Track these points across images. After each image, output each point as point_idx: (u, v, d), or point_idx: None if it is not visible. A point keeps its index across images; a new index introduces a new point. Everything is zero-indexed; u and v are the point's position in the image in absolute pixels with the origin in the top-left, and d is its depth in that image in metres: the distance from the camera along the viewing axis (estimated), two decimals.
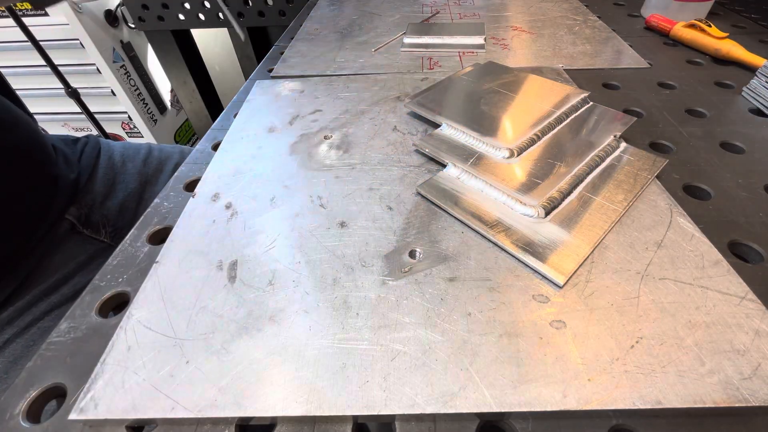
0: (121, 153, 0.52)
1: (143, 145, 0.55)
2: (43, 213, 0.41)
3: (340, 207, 0.29)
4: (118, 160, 0.51)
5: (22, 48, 1.02)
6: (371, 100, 0.41)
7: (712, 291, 0.22)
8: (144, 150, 0.54)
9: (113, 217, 0.46)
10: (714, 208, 0.28)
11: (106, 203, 0.46)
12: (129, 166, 0.51)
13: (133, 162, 0.52)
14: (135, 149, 0.54)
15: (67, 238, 0.42)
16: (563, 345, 0.20)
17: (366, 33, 0.57)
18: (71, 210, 0.43)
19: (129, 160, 0.52)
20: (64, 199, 0.43)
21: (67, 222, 0.42)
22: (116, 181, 0.49)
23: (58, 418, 0.20)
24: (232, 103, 0.43)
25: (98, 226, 0.45)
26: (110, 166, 0.50)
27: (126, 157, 0.52)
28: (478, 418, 0.18)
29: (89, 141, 0.51)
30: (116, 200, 0.47)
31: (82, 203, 0.44)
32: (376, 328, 0.21)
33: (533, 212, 0.26)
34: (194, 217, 0.28)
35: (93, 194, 0.46)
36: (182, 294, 0.23)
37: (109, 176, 0.49)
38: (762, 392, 0.18)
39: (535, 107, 0.35)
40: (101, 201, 0.46)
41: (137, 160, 0.52)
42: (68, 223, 0.42)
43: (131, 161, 0.52)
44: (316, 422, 0.19)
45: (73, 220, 0.43)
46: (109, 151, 0.51)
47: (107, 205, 0.46)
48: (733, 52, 0.45)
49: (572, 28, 0.55)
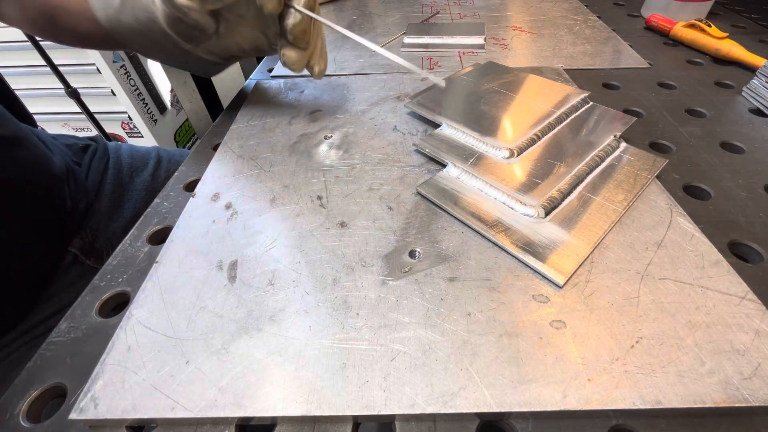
0: (129, 164, 0.49)
1: (151, 153, 0.52)
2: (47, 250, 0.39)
3: (340, 207, 0.29)
4: (126, 173, 0.48)
5: (22, 48, 1.02)
6: (371, 100, 0.41)
7: (712, 291, 0.22)
8: (153, 160, 0.51)
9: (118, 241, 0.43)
10: (714, 208, 0.28)
11: (111, 226, 0.44)
12: (137, 181, 0.48)
13: (141, 176, 0.49)
14: (143, 159, 0.51)
15: (68, 271, 0.40)
16: (563, 345, 0.20)
17: (366, 33, 0.57)
18: (75, 241, 0.41)
19: (137, 173, 0.49)
20: (69, 231, 0.41)
21: (70, 255, 0.40)
22: (123, 199, 0.46)
23: (58, 418, 0.20)
24: (231, 103, 0.43)
25: (101, 254, 0.42)
26: (118, 182, 0.47)
27: (134, 170, 0.49)
28: (478, 418, 0.18)
29: (98, 148, 0.49)
30: (122, 221, 0.45)
31: (86, 230, 0.42)
32: (376, 328, 0.21)
33: (533, 212, 0.26)
34: (194, 217, 0.28)
35: (98, 217, 0.43)
36: (182, 294, 0.23)
37: (117, 193, 0.46)
38: (762, 392, 0.18)
39: (535, 107, 0.35)
40: (106, 224, 0.44)
41: (145, 174, 0.49)
42: (71, 256, 0.40)
43: (139, 175, 0.49)
44: (316, 422, 0.19)
45: (77, 252, 0.41)
46: (117, 162, 0.49)
47: (112, 227, 0.44)
48: (733, 52, 0.45)
49: (572, 28, 0.55)
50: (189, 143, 1.37)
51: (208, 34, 0.34)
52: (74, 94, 1.00)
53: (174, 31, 0.33)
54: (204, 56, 0.36)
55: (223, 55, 0.37)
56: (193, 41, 0.34)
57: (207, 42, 0.35)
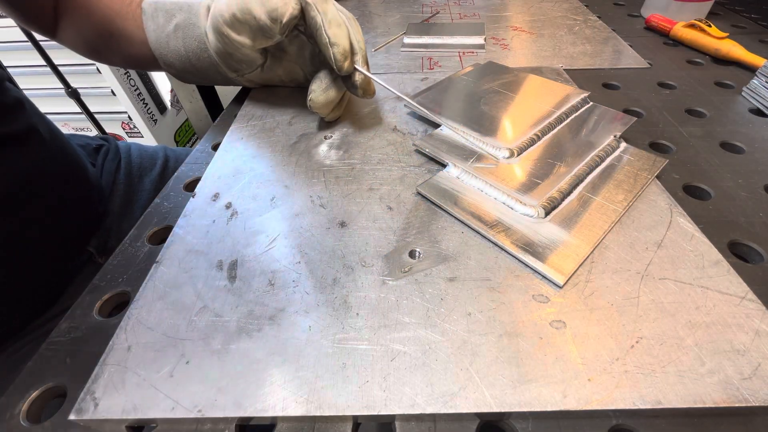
0: (138, 164, 0.50)
1: (159, 153, 0.53)
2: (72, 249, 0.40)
3: (340, 207, 0.29)
4: (136, 174, 0.49)
5: (22, 48, 1.02)
6: (371, 99, 0.41)
7: (712, 291, 0.22)
8: (160, 160, 0.52)
9: None
10: (714, 208, 0.28)
11: (122, 226, 0.45)
12: (146, 181, 0.49)
13: (150, 176, 0.50)
14: (152, 159, 0.52)
15: (82, 269, 0.41)
16: (563, 345, 0.20)
17: (366, 33, 0.57)
18: (92, 241, 0.42)
19: (146, 172, 0.50)
20: (88, 230, 0.42)
21: (87, 253, 0.41)
22: (134, 199, 0.47)
23: (58, 418, 0.20)
24: (231, 103, 0.43)
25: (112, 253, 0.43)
26: (128, 183, 0.48)
27: (143, 169, 0.50)
28: (478, 418, 0.18)
29: (110, 149, 0.49)
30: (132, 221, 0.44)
31: (102, 229, 0.43)
32: (376, 328, 0.21)
33: (533, 212, 0.26)
34: (194, 217, 0.28)
35: (111, 217, 0.44)
36: (182, 294, 0.23)
37: (128, 194, 0.47)
38: (762, 392, 0.18)
39: (535, 107, 0.35)
40: (118, 224, 0.45)
41: (153, 174, 0.50)
42: (87, 254, 0.41)
43: (148, 174, 0.50)
44: (316, 422, 0.19)
45: (93, 250, 0.41)
46: (128, 162, 0.49)
47: (123, 228, 0.45)
48: (733, 52, 0.45)
49: (572, 28, 0.55)
50: (189, 143, 1.37)
51: (254, 68, 0.37)
52: (74, 94, 1.00)
53: (223, 63, 0.36)
54: (243, 84, 0.39)
55: (261, 83, 0.41)
56: (238, 72, 0.37)
57: (251, 73, 0.38)
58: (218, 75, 0.38)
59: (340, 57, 0.31)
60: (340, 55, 0.31)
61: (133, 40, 0.39)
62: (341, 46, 0.31)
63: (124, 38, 0.39)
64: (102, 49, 0.42)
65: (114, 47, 0.40)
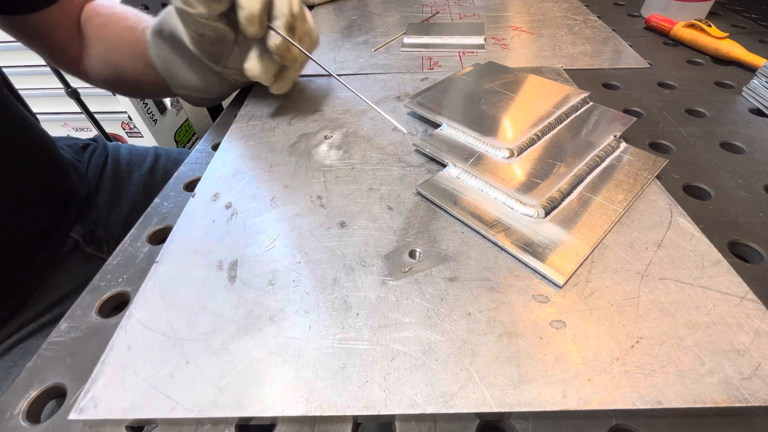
0: (127, 161, 0.50)
1: (150, 151, 0.53)
2: (52, 233, 0.40)
3: (340, 207, 0.29)
4: (124, 169, 0.49)
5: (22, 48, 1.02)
6: (371, 100, 0.41)
7: (712, 291, 0.22)
8: (151, 156, 0.52)
9: (117, 233, 0.45)
10: (714, 208, 0.28)
11: (110, 218, 0.45)
12: (135, 176, 0.49)
13: (139, 171, 0.50)
14: (141, 156, 0.52)
15: (69, 257, 0.41)
16: (563, 345, 0.20)
17: (366, 33, 0.57)
18: (77, 228, 0.42)
19: (135, 168, 0.50)
20: (72, 217, 0.42)
21: (72, 240, 0.41)
22: (121, 193, 0.47)
23: (58, 418, 0.20)
24: (231, 103, 0.43)
25: (101, 243, 0.44)
26: (116, 177, 0.48)
27: (132, 165, 0.50)
28: (478, 418, 0.18)
29: (97, 146, 0.50)
30: (120, 215, 0.46)
31: (87, 219, 0.43)
32: (376, 328, 0.21)
33: (533, 212, 0.26)
34: (194, 217, 0.28)
35: (98, 208, 0.45)
36: (182, 294, 0.23)
37: (115, 188, 0.47)
38: (762, 392, 0.18)
39: (535, 107, 0.35)
40: (105, 217, 0.45)
41: (143, 169, 0.51)
42: (72, 241, 0.41)
43: (137, 170, 0.50)
44: (316, 422, 0.19)
45: (78, 238, 0.42)
46: (116, 158, 0.50)
47: (111, 220, 0.45)
48: (733, 52, 0.45)
49: (572, 28, 0.55)
50: (189, 143, 1.37)
51: (228, 45, 0.35)
52: (74, 94, 1.00)
53: (201, 51, 0.34)
54: (235, 77, 0.38)
55: None
56: (219, 60, 0.36)
57: (230, 56, 0.36)
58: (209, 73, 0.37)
59: (244, 21, 0.30)
60: (244, 19, 0.30)
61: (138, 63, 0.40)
62: (247, 9, 0.30)
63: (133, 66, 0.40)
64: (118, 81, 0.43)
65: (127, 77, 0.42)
